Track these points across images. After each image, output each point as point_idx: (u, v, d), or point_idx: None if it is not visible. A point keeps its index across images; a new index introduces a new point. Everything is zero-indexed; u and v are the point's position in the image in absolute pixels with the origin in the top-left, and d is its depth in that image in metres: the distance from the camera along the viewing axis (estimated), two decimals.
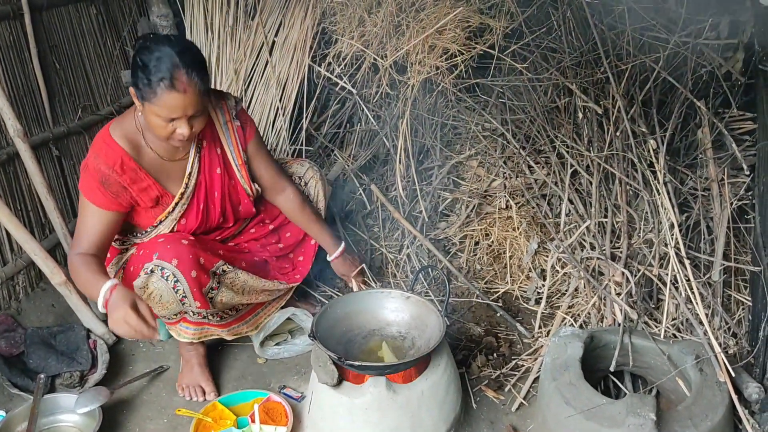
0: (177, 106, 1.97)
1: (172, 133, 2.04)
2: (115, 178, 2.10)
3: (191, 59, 1.98)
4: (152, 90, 1.95)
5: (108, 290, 1.93)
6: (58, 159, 2.93)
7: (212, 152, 2.30)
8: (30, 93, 2.79)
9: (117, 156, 2.10)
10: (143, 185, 2.17)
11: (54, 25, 2.93)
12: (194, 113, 2.02)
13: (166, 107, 1.97)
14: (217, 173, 2.32)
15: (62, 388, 2.37)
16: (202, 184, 2.29)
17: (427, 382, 2.05)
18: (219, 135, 2.32)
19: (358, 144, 3.45)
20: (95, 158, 2.10)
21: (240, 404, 2.27)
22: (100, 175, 2.09)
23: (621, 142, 2.67)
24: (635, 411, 1.82)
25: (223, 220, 2.39)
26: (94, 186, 2.10)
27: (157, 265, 2.12)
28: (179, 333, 2.34)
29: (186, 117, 2.01)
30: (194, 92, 1.98)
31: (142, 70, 1.96)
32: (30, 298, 2.70)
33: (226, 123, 2.32)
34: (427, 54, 2.71)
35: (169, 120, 2.00)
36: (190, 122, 2.03)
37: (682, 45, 2.74)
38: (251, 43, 3.32)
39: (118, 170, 2.10)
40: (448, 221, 3.19)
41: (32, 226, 2.75)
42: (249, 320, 2.51)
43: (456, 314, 2.79)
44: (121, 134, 2.13)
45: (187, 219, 2.28)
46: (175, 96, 1.95)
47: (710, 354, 2.03)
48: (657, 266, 2.40)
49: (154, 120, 2.02)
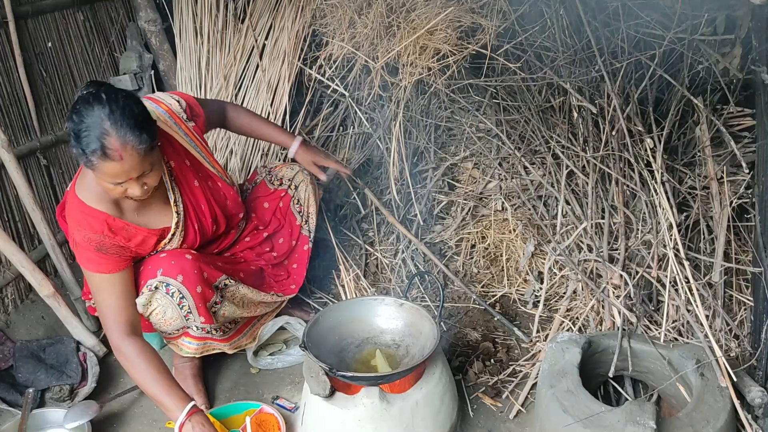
0: (116, 173, 1.82)
1: (125, 192, 1.91)
2: (110, 241, 2.00)
3: (123, 121, 1.79)
4: (88, 160, 1.81)
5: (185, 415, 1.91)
6: (47, 168, 2.89)
7: (183, 168, 2.20)
8: (16, 102, 2.75)
9: (101, 221, 1.99)
10: (139, 239, 2.07)
11: (40, 33, 2.90)
12: (141, 174, 1.87)
13: (106, 176, 1.84)
14: (195, 186, 2.23)
15: (52, 402, 2.34)
16: (188, 206, 2.20)
17: (422, 392, 2.01)
18: (181, 144, 2.21)
19: (351, 147, 3.41)
20: (79, 231, 1.98)
21: (232, 416, 2.23)
22: (94, 244, 1.98)
23: (617, 141, 2.63)
24: (634, 419, 1.78)
25: (216, 227, 2.34)
26: (93, 257, 2.00)
27: (162, 282, 2.07)
28: (180, 348, 2.31)
29: (132, 179, 1.86)
30: (132, 155, 1.80)
31: (74, 139, 1.81)
32: (19, 311, 2.66)
33: (185, 132, 2.22)
34: (419, 55, 2.67)
35: (115, 183, 1.87)
36: (140, 180, 1.88)
37: (678, 41, 2.70)
38: (241, 47, 3.28)
39: (108, 234, 1.99)
40: (444, 224, 3.15)
41: (20, 237, 2.71)
42: (246, 332, 2.49)
43: (452, 319, 2.74)
44: (93, 197, 1.99)
45: (187, 242, 2.23)
46: (111, 165, 1.80)
47: (711, 358, 1.98)
48: (656, 268, 2.35)
49: (102, 185, 1.90)
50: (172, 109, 2.20)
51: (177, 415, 1.91)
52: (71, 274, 2.64)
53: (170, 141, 2.17)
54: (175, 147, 2.18)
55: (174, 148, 2.18)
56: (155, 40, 3.43)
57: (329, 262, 3.01)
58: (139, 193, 1.90)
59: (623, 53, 2.78)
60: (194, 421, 1.92)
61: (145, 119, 1.87)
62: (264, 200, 2.59)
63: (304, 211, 2.59)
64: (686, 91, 2.66)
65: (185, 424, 1.91)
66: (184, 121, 2.22)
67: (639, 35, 2.80)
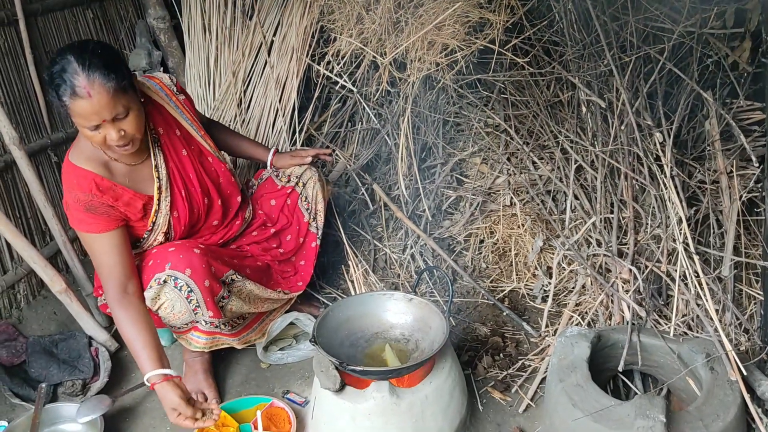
0: (88, 112, 1.84)
1: (105, 140, 1.92)
2: (98, 200, 2.03)
3: (90, 60, 1.82)
4: (62, 103, 1.85)
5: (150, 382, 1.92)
6: (57, 165, 2.91)
7: (172, 137, 2.23)
8: (27, 99, 2.77)
9: (89, 180, 2.02)
10: (126, 199, 2.10)
11: (50, 30, 2.91)
12: (115, 115, 1.88)
13: (79, 116, 1.86)
14: (184, 155, 2.25)
15: (64, 396, 2.36)
16: (174, 172, 2.22)
17: (431, 386, 2.02)
18: (172, 115, 2.25)
19: (359, 143, 3.42)
20: (70, 192, 2.02)
21: (243, 410, 2.24)
22: (82, 205, 2.01)
23: (626, 135, 2.62)
24: (644, 413, 1.78)
25: (209, 201, 2.33)
26: (83, 217, 2.03)
27: (170, 275, 2.08)
28: (189, 342, 2.32)
29: (107, 121, 1.88)
30: (101, 93, 1.83)
31: (49, 84, 1.86)
32: (31, 307, 2.69)
33: (171, 99, 2.26)
34: (427, 50, 2.67)
35: (92, 128, 1.89)
36: (116, 125, 1.90)
37: (687, 35, 2.69)
38: (249, 44, 3.29)
39: (96, 193, 2.02)
40: (452, 220, 3.16)
41: (32, 234, 2.73)
42: (256, 327, 2.50)
43: (461, 314, 2.75)
44: (83, 158, 2.03)
45: (178, 211, 2.23)
46: (81, 103, 1.83)
47: (721, 352, 1.98)
48: (665, 262, 2.35)
49: (82, 131, 1.93)
50: (162, 82, 2.27)
51: (143, 375, 1.93)
52: (83, 270, 2.65)
53: (159, 110, 2.21)
54: (165, 116, 2.23)
55: (163, 117, 2.22)
56: (164, 37, 3.45)
57: (338, 257, 3.02)
58: (115, 137, 1.90)
59: (632, 47, 2.78)
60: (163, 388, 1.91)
61: (114, 60, 1.89)
62: (271, 197, 2.60)
63: (312, 208, 2.59)
64: (696, 85, 2.65)
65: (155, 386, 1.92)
66: (174, 93, 2.28)
67: (648, 29, 2.80)
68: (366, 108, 3.24)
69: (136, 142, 1.99)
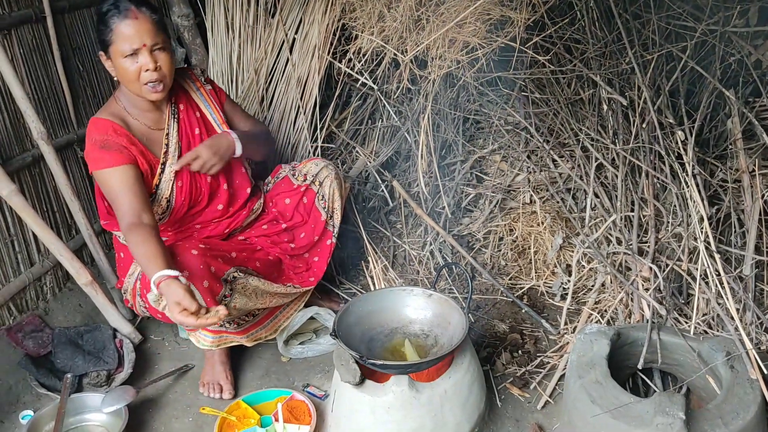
0: (132, 33, 2.07)
1: (140, 73, 2.11)
2: (113, 140, 2.16)
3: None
4: (108, 28, 2.08)
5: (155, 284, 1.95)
6: (83, 160, 2.95)
7: (190, 115, 2.37)
8: (54, 95, 2.81)
9: (107, 125, 2.18)
10: (138, 148, 2.22)
11: (76, 27, 2.96)
12: (154, 43, 2.10)
13: (123, 38, 2.07)
14: (196, 134, 2.37)
15: (89, 387, 2.40)
16: (184, 144, 2.33)
17: (450, 381, 2.03)
18: (195, 101, 2.41)
19: (379, 140, 3.43)
20: (89, 138, 2.20)
21: (263, 403, 2.27)
22: (98, 144, 2.16)
23: (647, 133, 2.61)
24: (664, 410, 1.78)
25: (215, 183, 2.38)
26: (99, 155, 2.15)
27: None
28: (198, 340, 2.37)
29: (146, 47, 2.08)
30: (146, 19, 2.09)
31: (97, 18, 2.12)
32: (57, 299, 2.73)
33: (199, 89, 2.43)
34: (448, 48, 2.68)
35: (131, 54, 2.08)
36: (153, 56, 2.10)
37: (710, 33, 2.68)
38: (272, 41, 3.31)
39: (112, 134, 2.17)
40: (472, 217, 3.17)
41: (58, 227, 2.78)
42: (267, 324, 2.50)
43: (480, 311, 2.76)
44: (107, 113, 2.23)
45: (182, 180, 2.30)
46: (127, 23, 2.06)
47: (742, 351, 1.97)
48: (686, 261, 2.34)
49: (121, 64, 2.11)
50: (192, 72, 2.47)
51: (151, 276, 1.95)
52: (108, 263, 2.70)
53: (185, 92, 2.40)
54: (189, 98, 2.40)
55: (187, 98, 2.40)
56: (188, 35, 3.49)
57: (358, 253, 3.04)
58: (152, 66, 2.10)
59: (654, 45, 2.77)
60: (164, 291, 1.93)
61: (157, 5, 2.18)
62: (286, 196, 2.58)
63: (329, 206, 2.59)
64: (718, 84, 2.64)
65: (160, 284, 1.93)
66: (202, 83, 2.45)
67: (670, 27, 2.79)
68: (386, 105, 3.25)
69: (166, 86, 2.18)
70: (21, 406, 2.32)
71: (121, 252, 2.41)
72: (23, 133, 2.61)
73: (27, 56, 2.66)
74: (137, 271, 2.31)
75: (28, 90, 2.60)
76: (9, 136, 2.55)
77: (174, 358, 2.58)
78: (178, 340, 2.66)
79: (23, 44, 2.64)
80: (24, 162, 2.59)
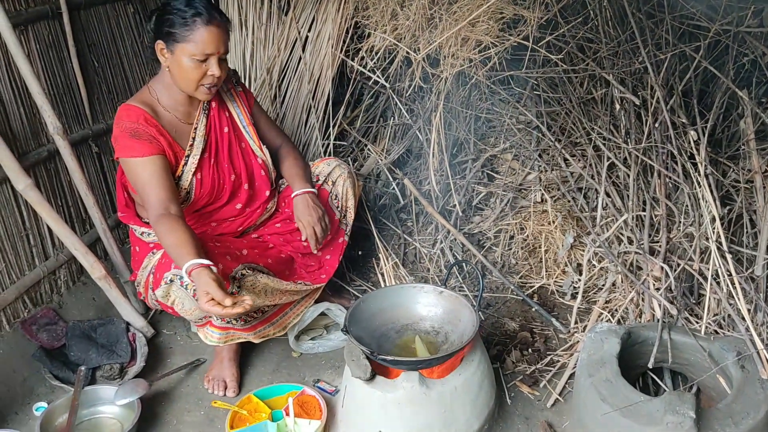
0: (213, 40, 2.12)
1: (202, 77, 2.16)
2: (143, 129, 2.18)
3: (209, 3, 2.17)
4: (188, 27, 2.11)
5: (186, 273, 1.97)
6: (98, 155, 2.98)
7: (221, 114, 2.40)
8: (69, 91, 2.84)
9: (138, 114, 2.20)
10: (166, 140, 2.24)
11: (92, 24, 2.98)
12: (224, 53, 2.18)
13: (202, 42, 2.11)
14: (225, 132, 2.40)
15: (102, 380, 2.42)
16: (211, 139, 2.36)
17: (461, 378, 2.04)
18: (225, 101, 2.43)
19: (391, 138, 3.45)
20: (119, 124, 2.21)
21: (275, 397, 2.29)
22: (128, 131, 2.17)
23: (660, 133, 2.61)
24: (674, 409, 1.78)
25: (237, 182, 2.41)
26: (129, 143, 2.17)
27: (176, 275, 2.13)
28: (206, 336, 2.38)
29: (219, 54, 2.15)
30: (223, 29, 2.17)
31: (176, 13, 2.12)
32: (71, 292, 2.76)
33: (229, 90, 2.45)
34: (460, 46, 2.69)
35: (203, 58, 2.13)
36: (219, 61, 2.17)
37: (724, 33, 2.67)
38: (285, 39, 3.33)
39: (143, 123, 2.19)
40: (483, 215, 3.17)
41: (73, 221, 2.80)
42: (276, 321, 2.51)
43: (490, 309, 2.77)
44: (138, 101, 2.25)
45: (202, 173, 2.32)
46: (211, 30, 2.12)
47: (752, 351, 1.98)
48: (698, 261, 2.34)
49: (186, 63, 2.14)
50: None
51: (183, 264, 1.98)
52: (121, 257, 2.73)
53: (217, 93, 2.39)
54: (220, 97, 2.42)
55: (219, 96, 2.42)
56: None
57: (368, 250, 3.05)
58: (218, 72, 2.17)
59: (667, 45, 2.76)
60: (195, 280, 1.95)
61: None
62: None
63: (342, 205, 2.61)
64: (731, 84, 2.63)
65: (192, 272, 1.95)
66: (233, 84, 2.47)
67: (684, 26, 2.78)
68: (398, 103, 3.26)
69: (218, 87, 2.26)
70: (35, 398, 2.34)
71: (137, 246, 2.43)
72: (39, 127, 2.63)
73: (43, 52, 2.69)
74: (150, 264, 2.33)
75: (44, 85, 2.62)
76: (25, 130, 2.58)
77: (186, 352, 2.60)
78: (190, 335, 2.68)
79: (39, 40, 2.67)
80: (40, 156, 2.62)
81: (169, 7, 2.15)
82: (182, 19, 2.11)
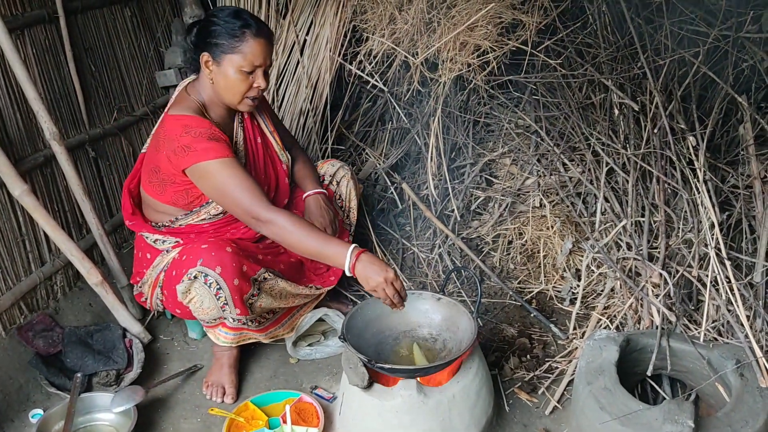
0: (262, 52, 2.12)
1: (249, 89, 2.16)
2: (218, 134, 2.16)
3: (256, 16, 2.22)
4: (238, 39, 2.09)
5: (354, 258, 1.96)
6: (95, 160, 2.98)
7: (253, 125, 2.41)
8: (66, 95, 2.83)
9: (206, 121, 2.17)
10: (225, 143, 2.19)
11: (89, 28, 2.98)
12: (269, 65, 2.19)
13: (252, 54, 2.10)
14: (258, 142, 2.41)
15: (99, 386, 2.41)
16: (249, 152, 2.37)
17: (459, 385, 2.03)
18: (253, 111, 2.40)
19: (389, 142, 3.44)
20: (188, 133, 2.13)
21: (272, 404, 2.28)
22: (205, 136, 2.12)
23: (659, 139, 2.61)
24: (673, 417, 1.78)
25: (268, 189, 2.43)
26: (209, 146, 2.11)
27: (201, 272, 2.13)
28: (217, 337, 2.37)
29: (266, 66, 2.16)
30: (270, 42, 2.18)
31: (224, 25, 2.10)
32: (68, 298, 2.75)
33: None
34: (459, 51, 2.68)
35: (251, 70, 2.12)
36: (265, 76, 2.17)
37: (723, 39, 2.67)
38: (283, 42, 3.32)
39: (215, 128, 2.17)
40: (481, 220, 3.16)
41: (69, 227, 2.79)
42: (285, 323, 2.53)
43: (489, 315, 2.76)
44: (190, 111, 2.20)
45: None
46: (261, 42, 2.12)
47: (752, 358, 1.97)
48: (696, 267, 2.33)
49: (233, 75, 2.13)
50: None
51: (342, 261, 1.97)
52: (118, 263, 2.71)
53: None
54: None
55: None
56: None
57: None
58: (264, 84, 2.17)
59: (666, 50, 2.76)
60: (364, 260, 1.96)
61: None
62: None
63: (345, 206, 2.63)
64: (730, 89, 2.63)
65: (356, 265, 1.95)
66: None
67: (683, 32, 2.78)
68: (396, 107, 3.25)
69: (260, 100, 2.27)
70: (31, 404, 2.33)
71: (148, 253, 2.41)
72: (35, 133, 2.62)
73: (40, 56, 2.68)
74: (164, 262, 2.33)
75: (41, 90, 2.61)
76: (21, 136, 2.57)
77: (183, 359, 2.59)
78: (188, 340, 2.67)
79: (36, 45, 2.66)
80: (36, 162, 2.61)
81: (216, 19, 2.13)
82: (231, 31, 2.09)
